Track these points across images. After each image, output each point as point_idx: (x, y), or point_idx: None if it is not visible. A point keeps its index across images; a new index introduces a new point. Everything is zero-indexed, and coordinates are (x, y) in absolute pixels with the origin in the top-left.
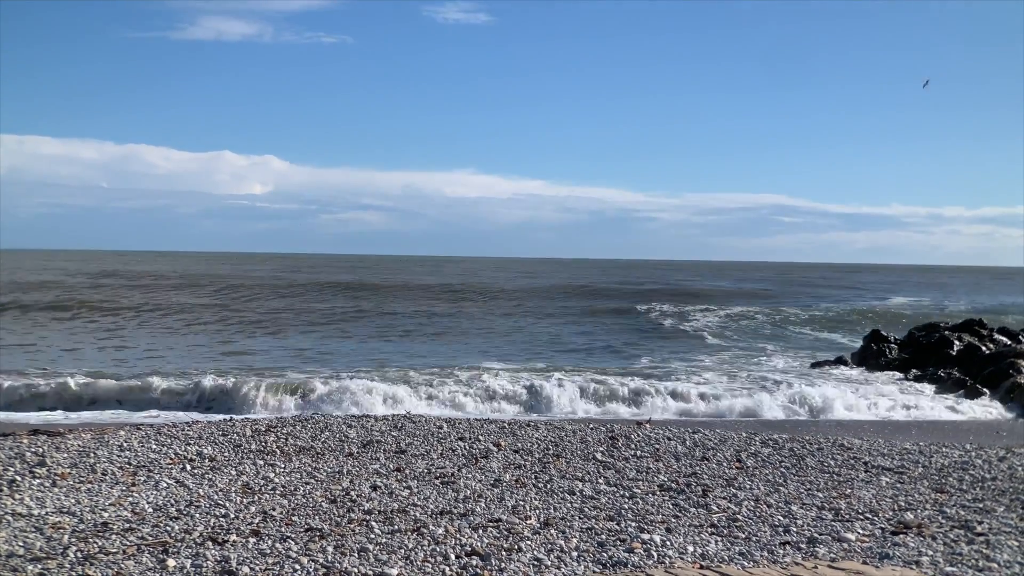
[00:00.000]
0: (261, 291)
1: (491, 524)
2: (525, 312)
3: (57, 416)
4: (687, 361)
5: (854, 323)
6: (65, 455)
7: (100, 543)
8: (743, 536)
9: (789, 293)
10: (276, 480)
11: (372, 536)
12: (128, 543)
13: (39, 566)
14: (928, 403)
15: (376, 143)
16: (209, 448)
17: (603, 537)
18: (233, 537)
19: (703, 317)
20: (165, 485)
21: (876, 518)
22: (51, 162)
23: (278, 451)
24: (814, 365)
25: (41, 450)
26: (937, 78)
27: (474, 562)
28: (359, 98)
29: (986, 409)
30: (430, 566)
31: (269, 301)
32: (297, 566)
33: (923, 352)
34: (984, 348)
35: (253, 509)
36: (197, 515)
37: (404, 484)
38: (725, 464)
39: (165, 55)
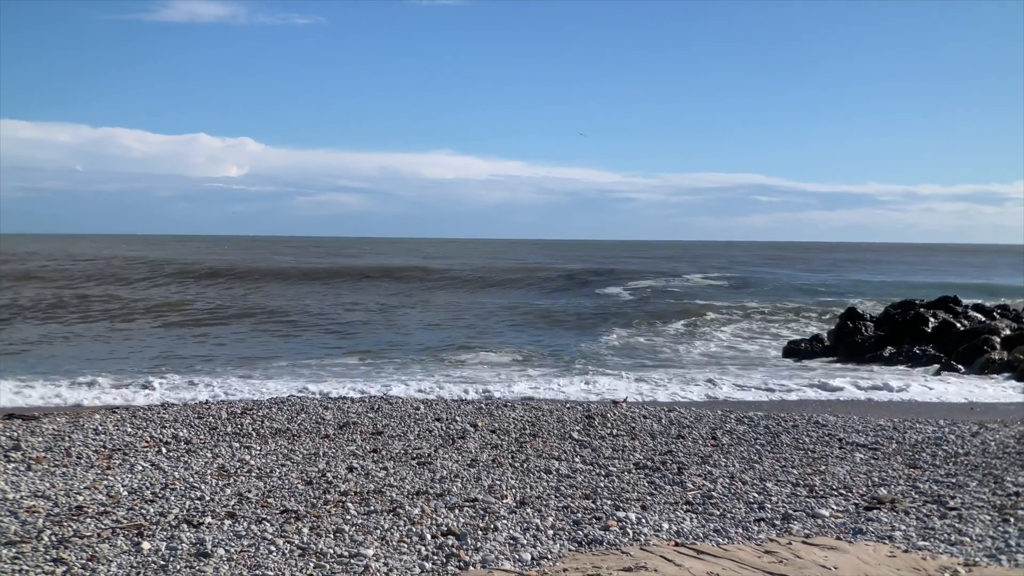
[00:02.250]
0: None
1: (467, 504)
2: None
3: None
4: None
5: (829, 302)
6: (40, 439)
7: (75, 526)
8: (718, 513)
9: (765, 271)
10: (252, 462)
11: (348, 517)
12: (103, 526)
13: (13, 550)
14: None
15: (352, 125)
16: (184, 431)
17: (579, 515)
18: (208, 519)
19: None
20: (140, 468)
21: (850, 494)
22: (26, 146)
23: (254, 433)
24: (789, 351)
25: (16, 434)
26: (913, 57)
27: (450, 542)
28: (334, 80)
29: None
30: (406, 546)
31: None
32: (273, 548)
33: (899, 329)
34: (959, 325)
35: (229, 491)
36: (172, 498)
37: (380, 465)
38: (700, 442)
39: (139, 37)
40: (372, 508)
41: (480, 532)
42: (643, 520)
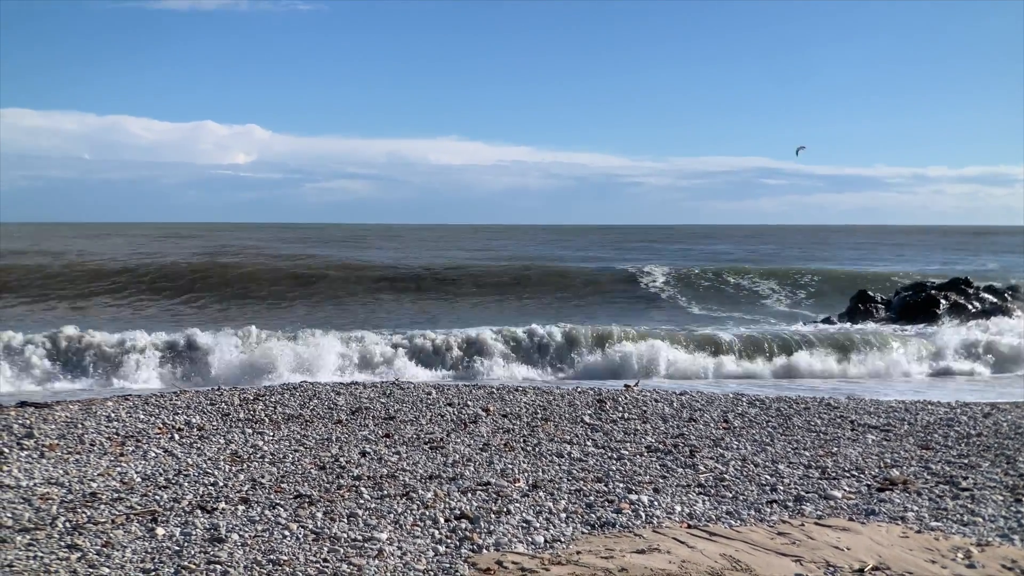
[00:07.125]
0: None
1: (480, 488)
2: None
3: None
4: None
5: (841, 288)
6: (53, 426)
7: (89, 513)
8: (730, 495)
9: (777, 255)
10: (265, 448)
11: (361, 502)
12: (117, 512)
13: (28, 536)
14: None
15: (359, 111)
16: (197, 417)
17: (591, 498)
18: (222, 505)
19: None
20: (153, 455)
21: (862, 475)
22: (32, 134)
23: (266, 419)
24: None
25: (29, 422)
26: (920, 38)
27: (463, 525)
28: (339, 66)
29: None
30: (419, 530)
31: None
32: (286, 532)
33: (910, 311)
34: (970, 307)
35: (242, 477)
36: (186, 484)
37: (393, 450)
38: (712, 425)
39: (142, 25)
40: (385, 492)
41: (493, 515)
42: (655, 503)
